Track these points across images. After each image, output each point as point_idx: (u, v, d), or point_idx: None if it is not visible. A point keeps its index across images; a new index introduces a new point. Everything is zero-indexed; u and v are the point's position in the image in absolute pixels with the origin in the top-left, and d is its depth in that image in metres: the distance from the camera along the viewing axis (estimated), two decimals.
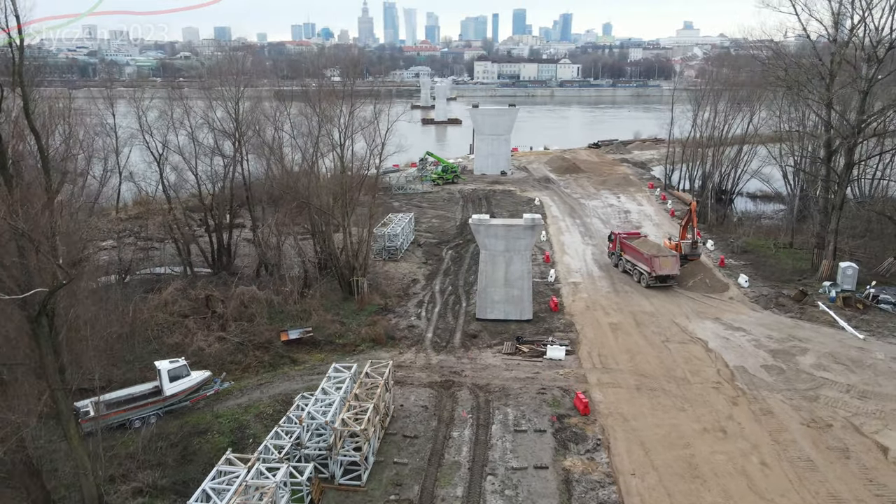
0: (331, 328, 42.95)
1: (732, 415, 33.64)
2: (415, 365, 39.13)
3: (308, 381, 36.42)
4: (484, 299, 45.84)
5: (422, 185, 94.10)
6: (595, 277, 55.66)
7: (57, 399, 22.55)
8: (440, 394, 35.43)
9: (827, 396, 35.51)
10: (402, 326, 45.00)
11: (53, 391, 22.37)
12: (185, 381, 33.14)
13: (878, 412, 33.83)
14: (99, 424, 29.72)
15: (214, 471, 23.37)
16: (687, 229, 56.95)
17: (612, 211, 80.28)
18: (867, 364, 39.12)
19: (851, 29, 50.67)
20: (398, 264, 59.33)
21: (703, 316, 47.15)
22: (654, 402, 34.95)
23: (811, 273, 54.67)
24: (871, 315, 46.66)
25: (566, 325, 45.53)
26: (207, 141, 55.96)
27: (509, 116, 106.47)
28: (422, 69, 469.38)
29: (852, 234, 61.23)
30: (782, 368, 38.76)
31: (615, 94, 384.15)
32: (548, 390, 35.76)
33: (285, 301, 45.51)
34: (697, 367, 38.94)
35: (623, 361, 39.86)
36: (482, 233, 44.94)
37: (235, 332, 41.55)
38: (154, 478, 26.89)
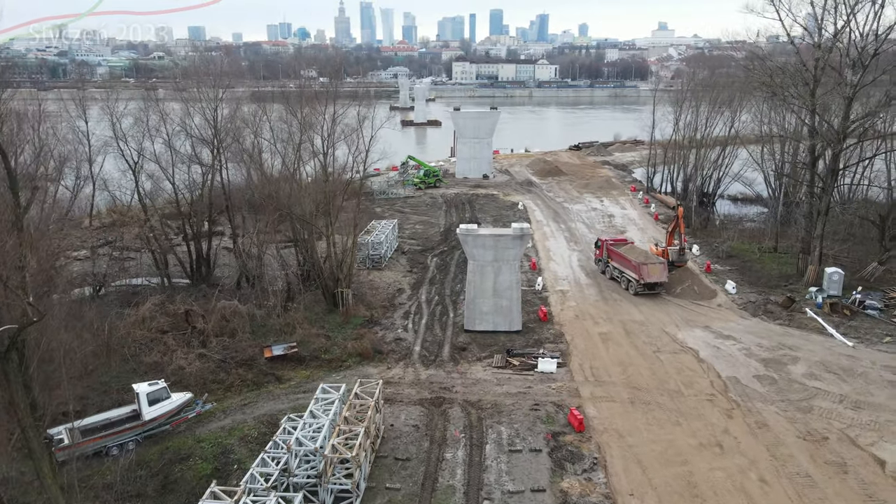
0: (316, 342, 41.71)
1: (728, 428, 33.18)
2: (403, 381, 38.10)
3: (294, 401, 35.23)
4: (472, 310, 44.96)
5: (404, 190, 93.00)
6: (583, 285, 55.10)
7: (28, 437, 21.16)
8: (431, 412, 34.46)
9: (821, 407, 35.24)
10: (389, 339, 43.94)
11: (24, 429, 20.99)
12: (166, 404, 31.75)
13: (872, 423, 33.62)
14: (74, 453, 28.30)
15: (205, 498, 22.14)
16: (674, 235, 56.66)
17: (596, 215, 79.97)
18: (858, 372, 39.00)
19: (835, 34, 50.74)
20: (382, 273, 58.20)
21: (693, 324, 46.81)
22: (649, 416, 34.36)
23: (797, 278, 54.71)
24: (858, 321, 46.69)
25: (556, 335, 44.85)
26: (185, 148, 54.31)
27: (491, 119, 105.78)
28: (400, 70, 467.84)
29: (835, 237, 61.51)
30: (774, 378, 38.47)
31: (593, 94, 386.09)
32: (541, 406, 34.99)
33: (268, 315, 44.16)
34: (690, 379, 38.49)
35: (615, 374, 39.25)
36: (470, 243, 44.06)
37: (217, 349, 40.15)
38: None
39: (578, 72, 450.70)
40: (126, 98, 59.76)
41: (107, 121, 53.00)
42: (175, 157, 54.18)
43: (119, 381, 36.54)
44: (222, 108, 53.14)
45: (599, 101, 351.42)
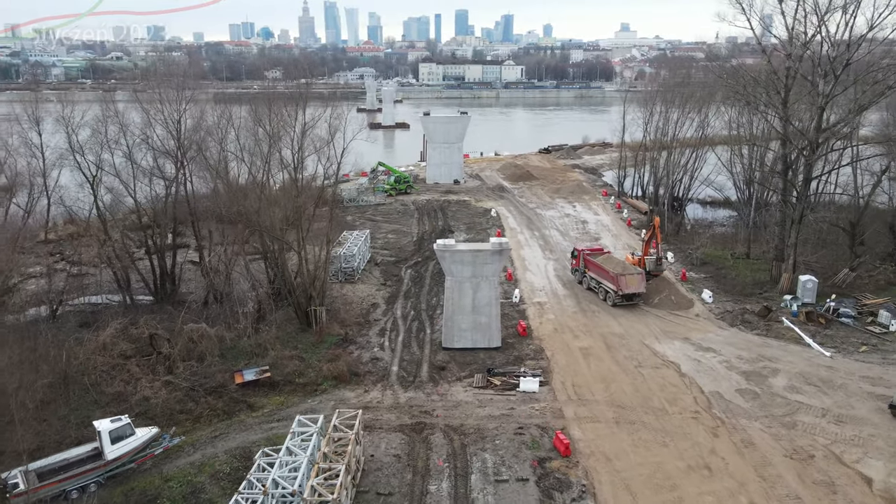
0: (289, 365, 40.03)
1: (715, 448, 32.67)
2: (382, 405, 36.73)
3: (268, 430, 33.60)
4: (450, 328, 43.79)
5: (375, 197, 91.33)
6: (560, 296, 54.41)
7: None
8: (412, 439, 33.18)
9: (804, 422, 35.04)
10: (366, 359, 42.50)
11: None
12: (130, 441, 29.79)
13: (855, 438, 33.50)
14: (30, 499, 26.28)
15: None
16: (650, 244, 56.38)
17: (570, 221, 79.59)
18: (838, 384, 38.99)
19: (804, 43, 51.00)
20: (356, 286, 56.65)
21: (672, 336, 46.45)
22: (635, 437, 33.67)
23: (771, 285, 54.96)
24: (833, 330, 46.95)
25: (536, 351, 43.99)
26: (147, 161, 52.00)
27: (461, 124, 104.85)
28: (366, 70, 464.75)
29: (807, 244, 62.09)
30: (757, 393, 38.21)
31: (559, 95, 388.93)
32: (525, 429, 34.01)
33: (238, 337, 42.28)
34: (673, 395, 37.97)
35: (598, 391, 38.53)
36: (448, 259, 42.87)
37: (184, 375, 38.18)
38: None
39: (544, 73, 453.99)
40: (83, 100, 56.77)
41: (62, 132, 50.19)
42: (136, 170, 51.80)
43: (79, 414, 34.37)
44: (185, 119, 50.92)
45: (566, 102, 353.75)
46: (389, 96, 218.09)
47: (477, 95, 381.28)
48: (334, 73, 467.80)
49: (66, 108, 49.31)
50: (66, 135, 49.84)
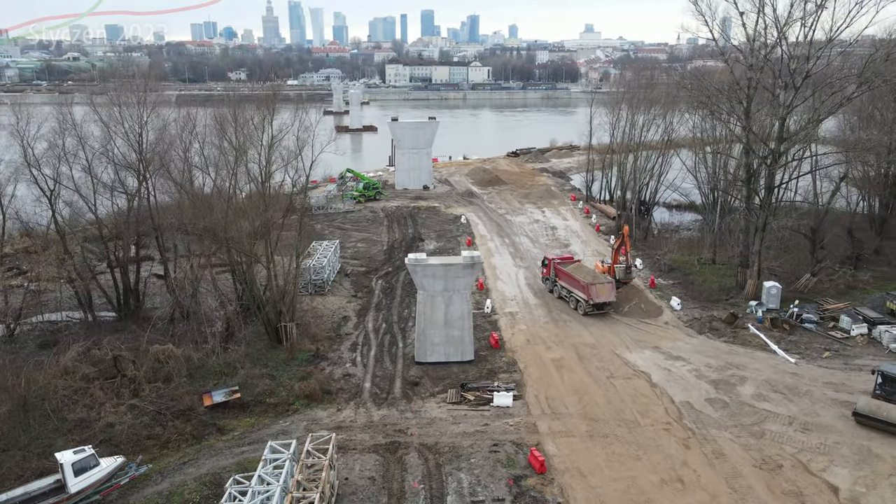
0: (260, 385, 39.31)
1: (687, 460, 33.09)
2: (356, 424, 36.30)
3: (238, 455, 32.90)
4: (423, 342, 43.55)
5: (343, 204, 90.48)
6: (531, 306, 54.59)
7: None
8: (386, 459, 32.84)
9: (772, 431, 35.73)
10: (338, 376, 41.97)
11: None
12: (94, 472, 28.84)
13: (821, 446, 34.28)
14: None
15: None
16: (619, 252, 56.95)
17: (539, 227, 80.00)
18: (803, 391, 39.89)
19: (765, 55, 52.08)
20: (326, 299, 55.97)
21: (643, 345, 46.98)
22: (609, 451, 33.91)
23: (737, 291, 56.02)
24: (797, 335, 48.06)
25: (509, 363, 44.03)
26: (108, 174, 50.58)
27: (430, 129, 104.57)
28: (332, 72, 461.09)
29: (769, 247, 63.50)
30: (726, 402, 38.85)
31: (526, 96, 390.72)
32: (500, 446, 33.98)
33: (206, 356, 41.33)
34: (645, 406, 38.37)
35: (571, 404, 38.72)
36: (419, 273, 42.60)
37: (151, 398, 37.19)
38: None
39: (511, 74, 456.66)
40: (38, 102, 54.58)
41: (17, 145, 48.43)
42: (97, 184, 50.31)
43: (39, 443, 33.14)
44: (147, 132, 49.63)
45: (533, 104, 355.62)
46: (357, 99, 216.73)
47: (444, 97, 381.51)
48: (300, 74, 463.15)
49: (21, 121, 47.49)
50: (22, 148, 48.06)
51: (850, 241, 64.79)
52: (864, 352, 45.19)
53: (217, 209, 47.54)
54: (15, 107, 47.83)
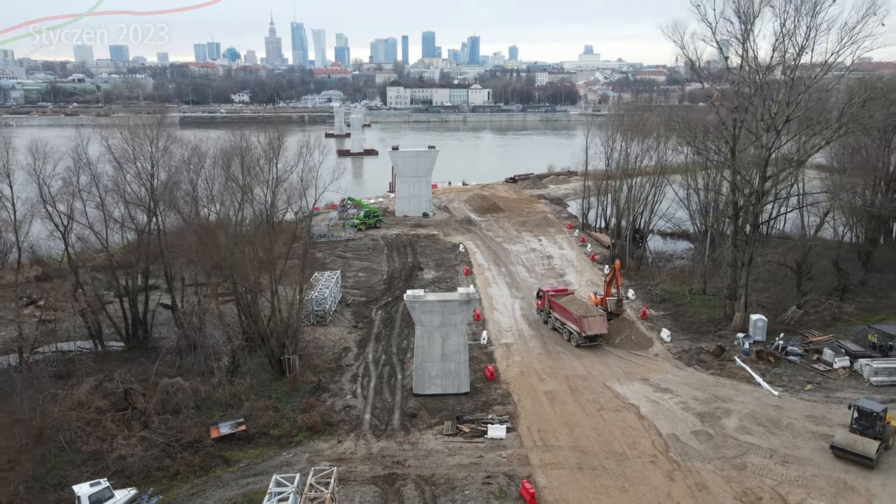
0: (264, 417, 41.07)
1: (671, 493, 34.73)
2: (355, 456, 37.99)
3: (245, 486, 34.59)
4: (421, 375, 45.35)
5: (345, 232, 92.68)
6: (526, 337, 56.42)
7: None
8: (385, 491, 34.52)
9: (753, 463, 37.38)
10: (339, 408, 43.72)
11: None
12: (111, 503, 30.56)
13: (799, 478, 35.93)
14: None
15: None
16: (611, 285, 58.90)
17: (536, 256, 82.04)
18: (784, 424, 41.57)
19: (750, 97, 54.47)
20: (327, 329, 57.84)
21: (633, 377, 48.74)
22: (597, 483, 35.56)
23: (725, 323, 57.84)
24: (781, 368, 49.81)
25: (503, 395, 45.78)
26: (119, 209, 52.84)
27: (429, 158, 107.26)
28: (334, 93, 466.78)
29: (757, 279, 65.49)
30: (710, 434, 40.54)
31: (525, 119, 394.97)
32: (493, 478, 35.66)
33: (213, 389, 43.12)
34: (633, 439, 40.05)
35: (562, 436, 40.41)
36: (417, 309, 44.56)
37: (160, 429, 38.90)
38: None
39: (511, 96, 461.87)
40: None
41: (33, 183, 50.72)
42: (108, 219, 52.53)
43: (55, 474, 34.86)
44: (158, 170, 51.95)
45: (532, 126, 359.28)
46: (358, 123, 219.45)
47: (444, 119, 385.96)
48: (302, 96, 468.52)
49: (37, 161, 49.77)
50: (38, 186, 50.30)
51: (836, 273, 66.74)
52: (846, 384, 46.93)
53: (223, 245, 49.66)
54: (32, 148, 49.89)
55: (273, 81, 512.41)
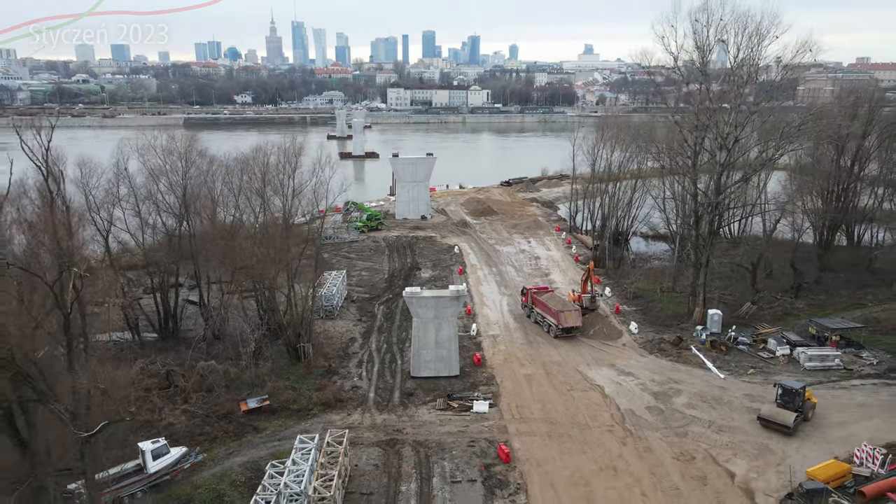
0: (284, 394, 48.55)
1: (622, 454, 42.25)
2: (362, 426, 45.52)
3: (272, 448, 42.07)
4: (417, 360, 52.86)
5: (348, 234, 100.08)
6: (511, 329, 63.92)
7: (50, 494, 27.39)
8: (387, 452, 42.06)
9: (693, 432, 44.90)
10: (347, 388, 51.23)
11: (46, 486, 26.85)
12: (166, 458, 38.11)
13: (730, 443, 43.44)
14: None
15: None
16: (587, 284, 66.39)
17: (524, 258, 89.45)
18: (725, 401, 49.10)
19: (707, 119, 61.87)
20: (335, 322, 65.30)
21: (601, 363, 56.24)
22: (562, 446, 43.09)
23: (687, 317, 65.30)
24: (731, 356, 57.30)
25: (488, 378, 53.28)
26: (153, 216, 60.49)
27: (427, 164, 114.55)
28: (335, 94, 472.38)
29: (720, 277, 73.04)
30: (661, 409, 48.06)
31: (523, 120, 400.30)
32: (476, 442, 43.18)
33: (241, 371, 50.62)
34: (595, 413, 47.56)
35: (536, 411, 47.93)
36: (414, 304, 52.08)
37: (198, 404, 46.41)
38: None
39: (509, 97, 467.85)
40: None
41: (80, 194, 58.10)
42: (144, 225, 60.10)
43: (115, 438, 42.20)
44: (188, 182, 59.44)
45: (530, 128, 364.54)
46: (359, 127, 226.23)
47: (444, 120, 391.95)
48: (303, 97, 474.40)
49: (84, 175, 57.17)
50: (84, 196, 57.72)
51: (792, 273, 74.22)
52: (784, 369, 54.43)
53: (247, 248, 57.21)
54: (80, 162, 57.33)
55: (274, 82, 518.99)
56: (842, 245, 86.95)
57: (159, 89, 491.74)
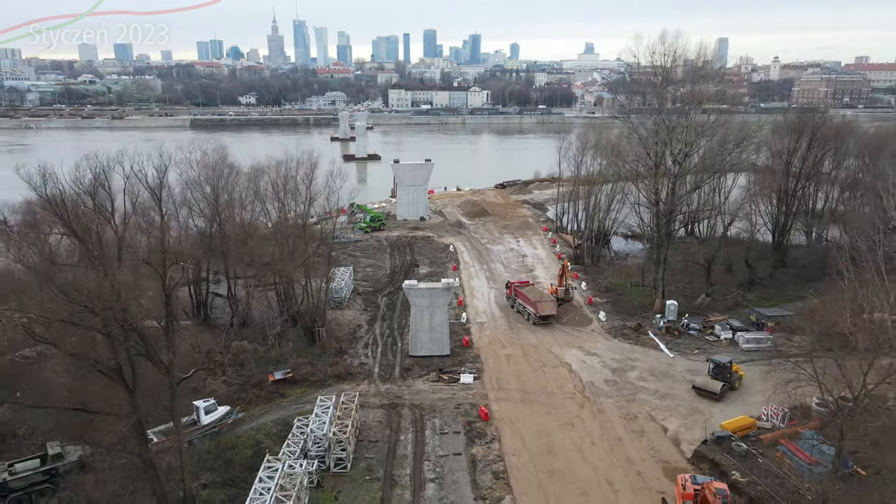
0: (304, 369, 58.52)
1: (579, 414, 52.22)
2: (369, 393, 55.53)
3: (297, 409, 52.05)
4: (415, 341, 62.85)
5: (353, 234, 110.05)
6: (496, 317, 73.93)
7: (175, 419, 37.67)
8: (389, 412, 52.08)
9: (640, 398, 54.86)
10: (356, 364, 61.24)
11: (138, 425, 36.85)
12: (215, 414, 48.11)
13: (668, 407, 53.40)
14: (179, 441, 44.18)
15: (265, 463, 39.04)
16: (563, 279, 76.34)
17: (513, 256, 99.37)
18: (670, 375, 59.06)
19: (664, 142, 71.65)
20: (344, 312, 75.27)
21: (571, 345, 66.19)
22: (531, 409, 53.07)
23: (650, 307, 75.23)
24: (683, 339, 67.24)
25: (474, 357, 63.27)
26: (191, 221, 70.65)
27: (426, 170, 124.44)
28: (337, 95, 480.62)
29: (681, 271, 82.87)
30: (616, 381, 58.02)
31: (522, 121, 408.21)
32: (461, 406, 53.17)
33: (267, 350, 60.65)
34: (562, 384, 57.54)
35: (513, 382, 57.91)
36: (412, 294, 62.07)
37: (234, 376, 56.45)
38: (212, 477, 42.03)
39: (508, 98, 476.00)
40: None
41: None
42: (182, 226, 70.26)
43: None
44: (220, 192, 69.48)
45: (528, 128, 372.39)
46: (362, 130, 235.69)
47: (444, 121, 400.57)
48: (306, 97, 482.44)
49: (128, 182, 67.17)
50: (131, 202, 67.70)
51: (747, 269, 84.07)
52: (724, 350, 64.32)
53: (266, 248, 67.27)
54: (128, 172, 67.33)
55: (277, 82, 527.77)
56: (801, 244, 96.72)
57: (164, 90, 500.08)
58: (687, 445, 47.70)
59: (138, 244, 57.10)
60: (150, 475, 37.79)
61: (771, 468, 42.56)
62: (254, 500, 35.91)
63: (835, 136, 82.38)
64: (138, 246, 55.76)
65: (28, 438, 44.99)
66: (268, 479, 37.80)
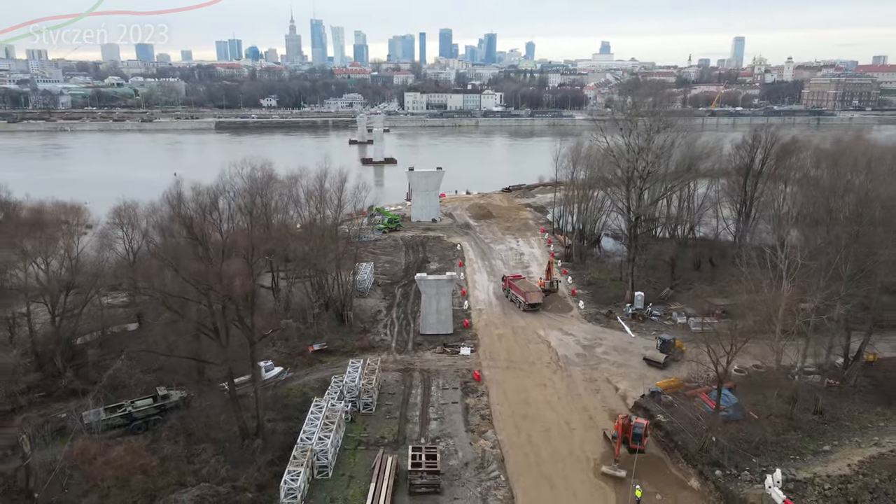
0: (336, 343, 73.84)
1: (551, 378, 66.95)
2: (388, 361, 70.64)
3: (332, 371, 67.22)
4: (424, 322, 77.94)
5: (373, 234, 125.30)
6: (493, 305, 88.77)
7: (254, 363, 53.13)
8: (403, 374, 67.23)
9: (602, 367, 69.44)
10: (377, 340, 76.44)
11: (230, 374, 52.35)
12: (273, 372, 63.63)
13: (622, 373, 67.94)
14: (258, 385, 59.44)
15: (313, 404, 54.30)
16: (549, 273, 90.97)
17: (512, 254, 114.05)
18: (630, 351, 73.53)
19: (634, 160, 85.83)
20: (366, 300, 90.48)
21: (553, 327, 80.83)
22: (514, 374, 67.88)
23: (623, 298, 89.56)
24: (646, 324, 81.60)
25: (473, 335, 78.18)
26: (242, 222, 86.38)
27: (437, 177, 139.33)
28: (354, 97, 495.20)
29: (652, 267, 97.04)
30: (585, 355, 72.63)
31: (533, 123, 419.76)
32: (460, 370, 68.16)
33: (307, 328, 76.10)
34: (540, 356, 72.23)
35: (502, 354, 72.75)
36: (423, 284, 77.20)
37: (282, 347, 71.86)
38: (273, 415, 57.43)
39: (521, 100, 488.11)
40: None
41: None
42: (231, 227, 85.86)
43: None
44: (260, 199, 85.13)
45: (540, 131, 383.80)
46: (379, 134, 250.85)
47: (458, 124, 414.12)
48: (325, 100, 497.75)
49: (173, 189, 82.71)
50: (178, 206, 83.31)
51: (710, 266, 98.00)
52: (676, 332, 78.59)
53: (302, 247, 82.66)
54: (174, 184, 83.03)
55: (296, 84, 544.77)
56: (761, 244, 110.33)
57: (188, 92, 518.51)
58: (631, 400, 62.30)
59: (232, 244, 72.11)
60: (234, 407, 53.14)
61: (686, 413, 57.08)
62: (309, 422, 51.20)
63: (785, 151, 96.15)
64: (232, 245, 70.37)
65: (137, 386, 60.55)
66: (317, 411, 53.06)
